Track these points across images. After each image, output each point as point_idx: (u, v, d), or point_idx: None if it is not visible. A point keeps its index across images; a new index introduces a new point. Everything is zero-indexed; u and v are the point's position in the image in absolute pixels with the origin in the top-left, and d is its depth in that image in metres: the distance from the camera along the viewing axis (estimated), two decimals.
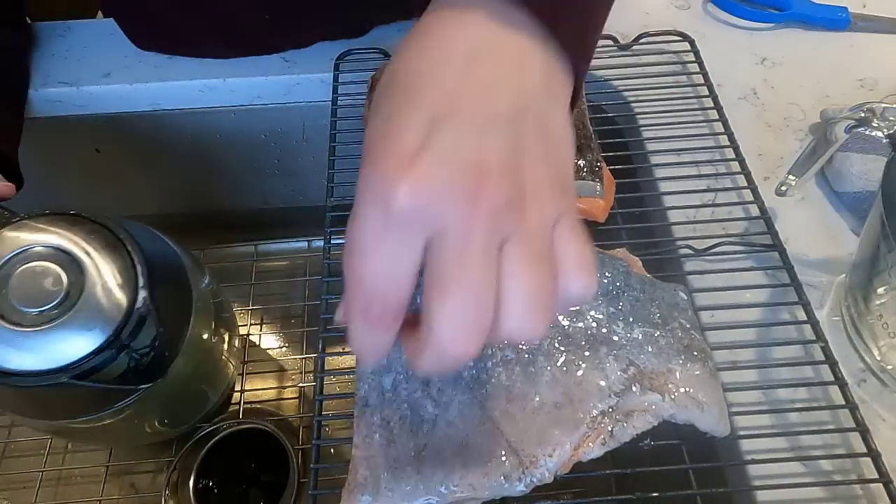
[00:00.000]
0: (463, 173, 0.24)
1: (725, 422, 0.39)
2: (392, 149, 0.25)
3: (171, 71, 0.66)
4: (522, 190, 0.26)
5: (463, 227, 0.24)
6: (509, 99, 0.26)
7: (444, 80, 0.26)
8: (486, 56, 0.27)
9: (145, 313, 0.40)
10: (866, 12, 0.67)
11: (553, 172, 0.27)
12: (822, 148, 0.47)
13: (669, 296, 0.43)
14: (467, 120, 0.25)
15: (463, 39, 0.27)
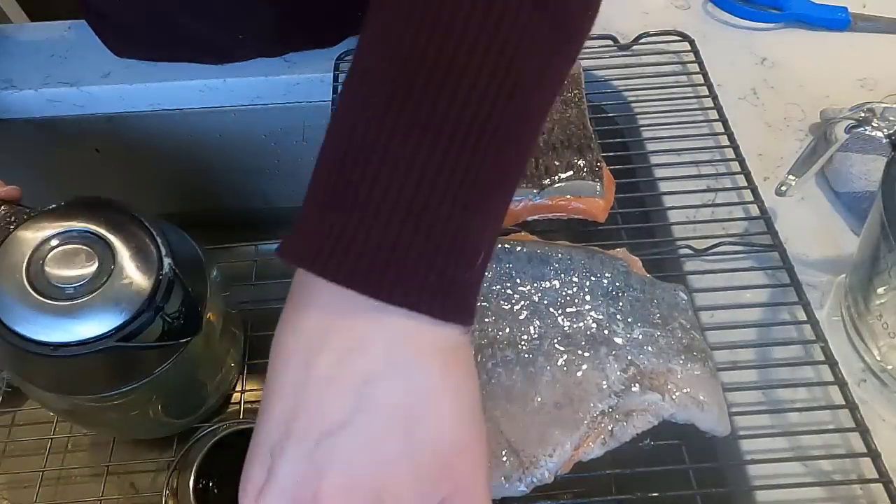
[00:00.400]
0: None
1: (725, 421, 0.39)
2: (247, 485, 0.27)
3: (171, 71, 0.66)
4: (377, 499, 0.25)
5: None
6: (342, 409, 0.25)
7: (283, 401, 0.26)
8: (323, 359, 0.25)
9: (172, 277, 0.43)
10: (866, 12, 0.67)
11: (420, 460, 0.25)
12: (822, 148, 0.47)
13: (669, 296, 0.43)
14: (298, 445, 0.25)
15: (303, 338, 0.27)
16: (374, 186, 0.24)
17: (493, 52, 0.24)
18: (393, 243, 0.24)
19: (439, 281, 0.24)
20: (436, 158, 0.24)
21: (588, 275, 0.43)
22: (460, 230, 0.25)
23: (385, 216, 0.24)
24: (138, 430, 0.60)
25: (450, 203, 0.24)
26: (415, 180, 0.24)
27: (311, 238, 0.25)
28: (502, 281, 0.43)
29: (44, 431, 0.65)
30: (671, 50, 0.63)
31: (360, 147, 0.25)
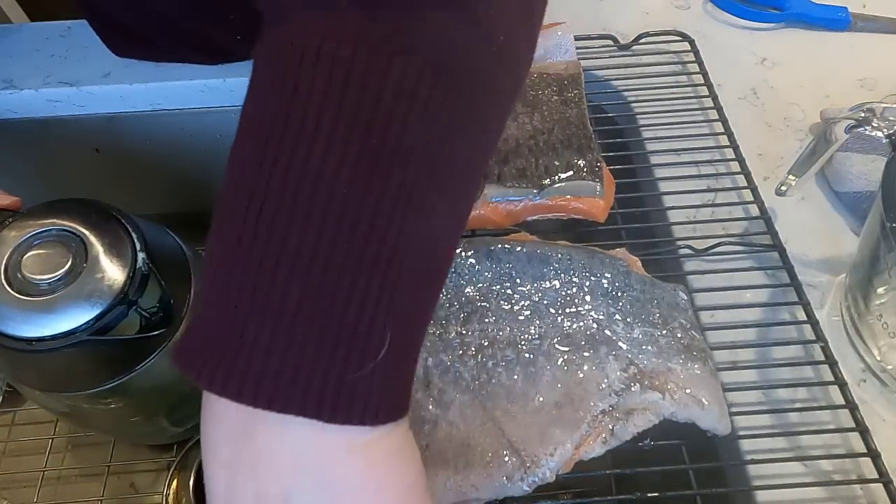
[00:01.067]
0: None
1: (726, 420, 0.39)
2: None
3: (171, 71, 0.66)
4: None
5: None
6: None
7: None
8: (243, 469, 0.24)
9: (147, 272, 0.44)
10: (866, 12, 0.67)
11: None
12: (822, 148, 0.47)
13: (669, 296, 0.43)
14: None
15: (221, 444, 0.25)
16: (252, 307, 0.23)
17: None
18: (282, 350, 0.22)
19: (334, 383, 0.23)
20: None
21: (588, 275, 0.43)
22: (343, 333, 0.23)
23: (271, 324, 0.22)
24: (141, 435, 0.60)
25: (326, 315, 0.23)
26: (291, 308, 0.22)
27: (201, 346, 0.24)
28: (502, 281, 0.43)
29: (44, 431, 0.66)
30: (671, 50, 0.63)
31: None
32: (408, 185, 0.23)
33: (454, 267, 0.44)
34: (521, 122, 0.52)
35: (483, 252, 0.44)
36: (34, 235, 0.45)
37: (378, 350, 0.23)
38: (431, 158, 0.23)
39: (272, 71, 0.23)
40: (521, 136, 0.51)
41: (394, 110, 0.22)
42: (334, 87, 0.22)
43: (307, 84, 0.22)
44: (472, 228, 0.48)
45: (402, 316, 0.24)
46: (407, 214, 0.23)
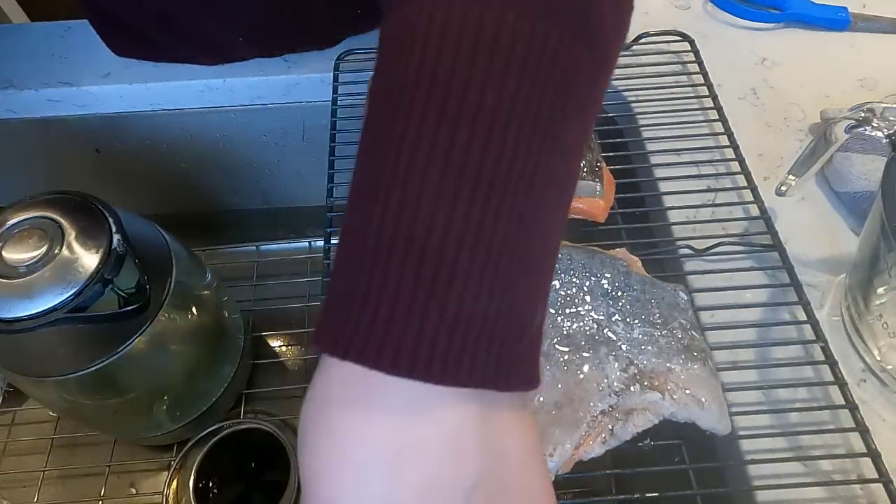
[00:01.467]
0: None
1: (726, 420, 0.39)
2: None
3: (171, 71, 0.66)
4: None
5: None
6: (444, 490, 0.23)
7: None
8: (416, 458, 0.23)
9: (122, 253, 0.46)
10: (866, 12, 0.67)
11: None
12: (822, 148, 0.47)
13: (669, 296, 0.43)
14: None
15: (376, 440, 0.23)
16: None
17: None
18: (451, 328, 0.22)
19: (507, 356, 0.23)
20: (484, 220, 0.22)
21: (588, 275, 0.43)
22: (505, 299, 0.23)
23: (439, 299, 0.22)
24: (140, 433, 0.60)
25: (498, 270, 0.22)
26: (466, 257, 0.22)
27: (365, 331, 0.23)
28: None
29: (44, 431, 0.66)
30: (671, 50, 0.63)
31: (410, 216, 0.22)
32: (554, 163, 0.24)
33: None
34: None
35: None
36: (13, 225, 0.47)
37: (533, 319, 0.24)
38: (567, 121, 0.25)
39: (405, 42, 0.23)
40: None
41: (538, 71, 0.23)
42: (465, 52, 0.22)
43: (435, 52, 0.22)
44: None
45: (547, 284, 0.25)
46: (558, 191, 0.25)
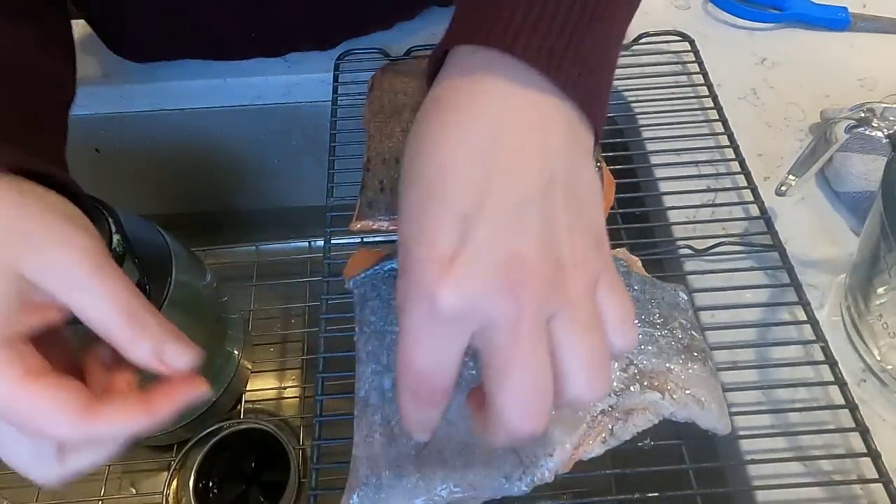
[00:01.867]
0: (501, 268, 0.26)
1: (726, 420, 0.39)
2: (430, 254, 0.26)
3: (171, 71, 0.66)
4: (561, 265, 0.27)
5: (509, 317, 0.26)
6: (535, 178, 0.27)
7: (470, 171, 0.26)
8: (510, 133, 0.27)
9: (122, 252, 0.46)
10: (866, 12, 0.67)
11: (586, 235, 0.28)
12: (822, 148, 0.47)
13: (669, 296, 0.43)
14: (498, 211, 0.26)
15: (482, 117, 0.27)
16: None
17: None
18: (570, 32, 0.28)
19: (600, 80, 0.30)
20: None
21: None
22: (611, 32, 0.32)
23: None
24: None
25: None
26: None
27: (499, 22, 0.28)
28: None
29: None
30: (671, 50, 0.63)
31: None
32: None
33: None
34: None
35: None
36: None
37: (615, 64, 0.34)
38: None
39: None
40: None
41: None
42: None
43: None
44: None
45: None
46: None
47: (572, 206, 0.28)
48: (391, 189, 0.48)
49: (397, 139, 0.51)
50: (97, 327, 0.29)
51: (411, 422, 0.29)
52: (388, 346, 0.41)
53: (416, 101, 0.54)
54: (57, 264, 0.29)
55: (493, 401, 0.26)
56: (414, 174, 0.28)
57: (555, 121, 0.28)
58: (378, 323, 0.42)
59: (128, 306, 0.29)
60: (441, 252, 0.26)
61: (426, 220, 0.26)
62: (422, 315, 0.26)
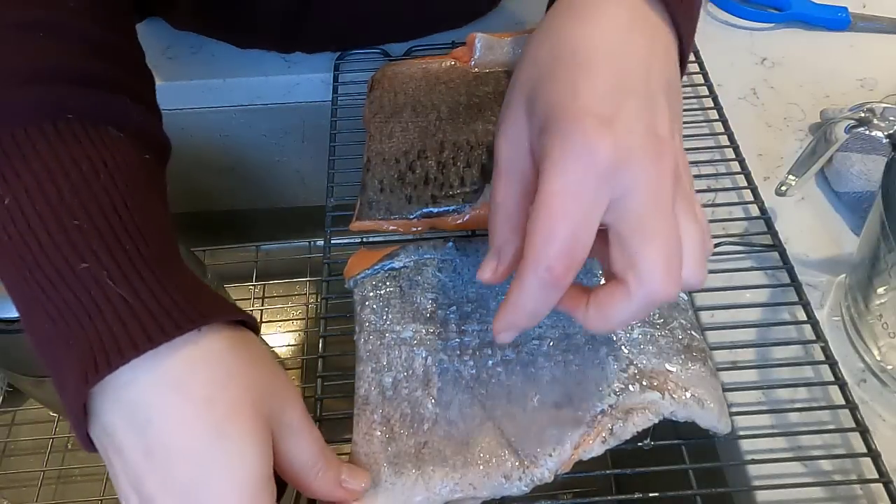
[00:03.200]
0: (648, 139, 0.29)
1: (726, 419, 0.39)
2: (591, 112, 0.28)
3: (172, 71, 0.66)
4: (678, 150, 0.30)
5: (652, 182, 0.28)
6: (660, 76, 0.31)
7: (616, 56, 0.30)
8: (638, 36, 0.31)
9: None
10: (866, 12, 0.67)
11: (681, 131, 0.32)
12: (822, 148, 0.47)
13: None
14: (641, 94, 0.30)
15: (614, 21, 0.31)
16: None
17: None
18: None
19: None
20: None
21: (588, 275, 0.43)
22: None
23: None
24: None
25: None
26: None
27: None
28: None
29: (44, 431, 0.66)
30: None
31: None
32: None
33: (453, 267, 0.44)
34: None
35: (484, 251, 0.44)
36: None
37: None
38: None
39: None
40: None
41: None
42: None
43: None
44: (472, 228, 0.48)
45: None
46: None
47: (676, 107, 0.32)
48: (391, 189, 0.48)
49: (397, 139, 0.51)
50: (296, 468, 0.32)
51: (529, 304, 0.29)
52: (388, 345, 0.41)
53: (416, 101, 0.54)
54: (294, 417, 0.31)
55: (638, 262, 0.28)
56: (563, 52, 0.31)
57: (662, 34, 0.33)
58: (378, 322, 0.42)
59: (320, 443, 0.33)
60: (600, 112, 0.28)
61: (581, 88, 0.29)
62: (578, 169, 0.27)
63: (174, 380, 0.28)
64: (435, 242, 0.45)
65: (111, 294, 0.28)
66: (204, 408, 0.28)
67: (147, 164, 0.34)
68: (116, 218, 0.30)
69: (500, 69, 0.56)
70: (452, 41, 0.64)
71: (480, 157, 0.50)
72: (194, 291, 0.30)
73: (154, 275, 0.29)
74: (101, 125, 0.32)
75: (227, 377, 0.29)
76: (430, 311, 0.42)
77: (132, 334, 0.28)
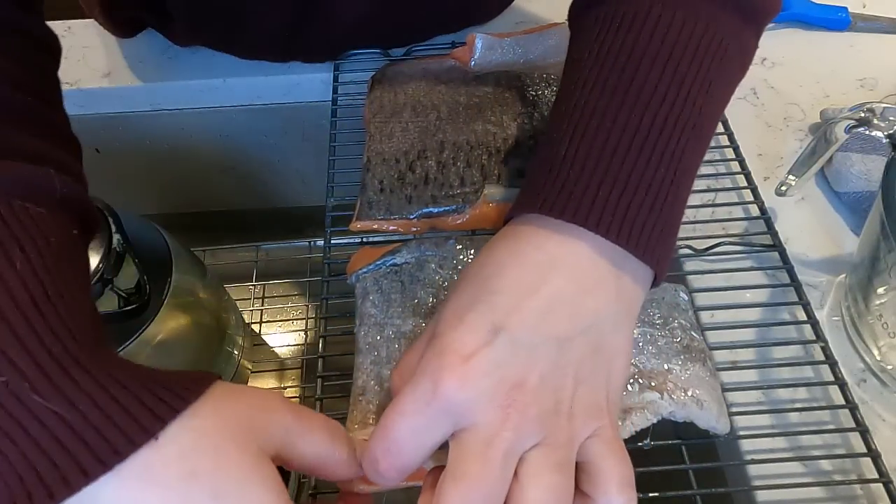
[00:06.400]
0: (502, 385, 0.28)
1: (725, 419, 0.39)
2: (456, 345, 0.29)
3: (171, 71, 0.66)
4: (556, 409, 0.29)
5: (490, 429, 0.28)
6: (570, 322, 0.30)
7: (521, 294, 0.29)
8: (568, 280, 0.30)
9: (122, 252, 0.46)
10: (866, 12, 0.67)
11: (593, 393, 0.30)
12: (822, 148, 0.47)
13: (669, 296, 0.43)
14: (525, 337, 0.29)
15: (550, 257, 0.30)
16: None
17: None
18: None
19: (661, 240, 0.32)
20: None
21: None
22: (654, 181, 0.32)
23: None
24: None
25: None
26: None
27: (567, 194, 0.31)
28: None
29: None
30: None
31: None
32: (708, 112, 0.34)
33: (455, 264, 0.44)
34: (521, 122, 0.51)
35: None
36: None
37: (679, 219, 0.33)
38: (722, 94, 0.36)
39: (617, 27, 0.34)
40: (521, 136, 0.51)
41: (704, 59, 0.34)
42: (659, 41, 0.33)
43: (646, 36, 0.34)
44: (472, 228, 0.48)
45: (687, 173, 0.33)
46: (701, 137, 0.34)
47: (593, 364, 0.30)
48: (391, 189, 0.48)
49: (397, 139, 0.51)
50: (316, 464, 0.30)
51: (369, 474, 0.30)
52: (388, 338, 0.41)
53: (416, 101, 0.54)
54: (285, 423, 0.30)
55: (440, 495, 0.27)
56: (475, 275, 0.31)
57: (608, 280, 0.31)
58: (378, 316, 0.42)
59: (325, 430, 0.31)
60: (464, 347, 0.28)
61: (468, 315, 0.29)
62: (420, 392, 0.28)
63: (141, 482, 0.24)
64: (436, 240, 0.45)
65: (39, 411, 0.24)
66: (189, 486, 0.25)
67: (72, 241, 0.30)
68: (37, 315, 0.25)
69: (500, 69, 0.56)
70: (452, 41, 0.64)
71: (480, 157, 0.50)
72: (140, 383, 0.26)
73: (91, 377, 0.25)
74: (19, 202, 0.28)
75: (201, 452, 0.26)
76: (430, 306, 0.42)
77: (78, 458, 0.23)
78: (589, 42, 0.35)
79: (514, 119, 0.52)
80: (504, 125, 0.51)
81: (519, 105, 0.53)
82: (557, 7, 0.69)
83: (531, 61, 0.57)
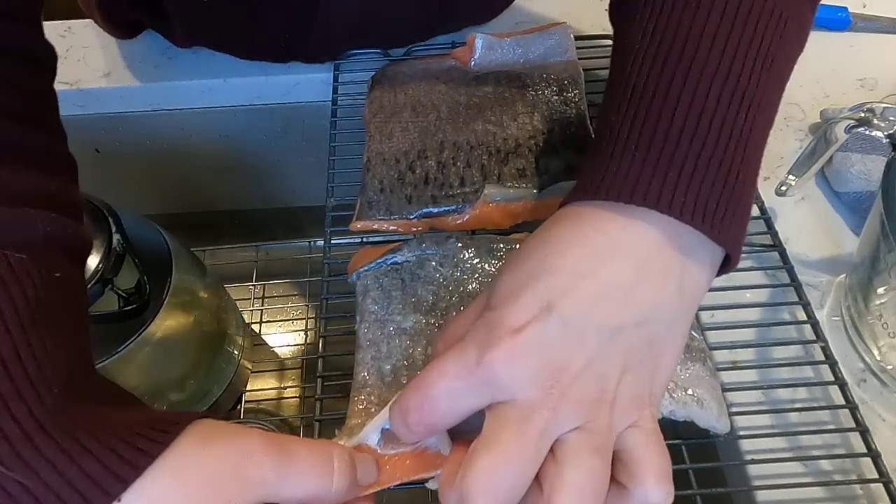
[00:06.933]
0: (547, 367, 0.28)
1: (725, 419, 0.39)
2: (509, 320, 0.28)
3: (171, 71, 0.66)
4: (601, 394, 0.28)
5: (528, 406, 0.28)
6: (623, 311, 0.29)
7: (577, 275, 0.29)
8: (623, 261, 0.29)
9: (122, 252, 0.46)
10: (866, 12, 0.67)
11: (637, 385, 0.29)
12: (822, 148, 0.47)
13: None
14: (575, 320, 0.28)
15: (612, 240, 0.30)
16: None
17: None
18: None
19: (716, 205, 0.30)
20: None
21: None
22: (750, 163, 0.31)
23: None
24: None
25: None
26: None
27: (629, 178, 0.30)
28: None
29: None
30: None
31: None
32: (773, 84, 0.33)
33: (456, 263, 0.44)
34: (521, 122, 0.51)
35: (484, 249, 0.44)
36: None
37: (751, 201, 0.32)
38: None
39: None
40: (521, 136, 0.51)
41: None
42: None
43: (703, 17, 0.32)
44: (472, 228, 0.48)
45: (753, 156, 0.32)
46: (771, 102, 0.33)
47: (642, 356, 0.29)
48: (391, 189, 0.48)
49: (397, 139, 0.51)
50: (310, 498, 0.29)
51: (393, 428, 0.30)
52: (389, 334, 0.41)
53: (416, 101, 0.54)
54: (263, 465, 0.28)
55: (467, 464, 0.27)
56: (534, 251, 0.31)
57: (685, 268, 0.30)
58: (379, 312, 0.42)
59: (310, 459, 0.29)
60: (515, 321, 0.28)
61: (524, 293, 0.29)
62: (464, 362, 0.28)
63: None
64: (437, 239, 0.45)
65: (4, 481, 0.23)
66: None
67: (57, 283, 0.29)
68: (5, 378, 0.24)
69: (500, 69, 0.56)
70: (452, 41, 0.64)
71: (480, 157, 0.50)
72: (102, 444, 0.25)
73: (53, 441, 0.24)
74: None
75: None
76: (431, 303, 0.42)
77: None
78: (641, 23, 0.34)
79: (514, 119, 0.52)
80: (504, 125, 0.51)
81: (519, 105, 0.53)
82: (557, 7, 0.69)
83: (531, 61, 0.57)
